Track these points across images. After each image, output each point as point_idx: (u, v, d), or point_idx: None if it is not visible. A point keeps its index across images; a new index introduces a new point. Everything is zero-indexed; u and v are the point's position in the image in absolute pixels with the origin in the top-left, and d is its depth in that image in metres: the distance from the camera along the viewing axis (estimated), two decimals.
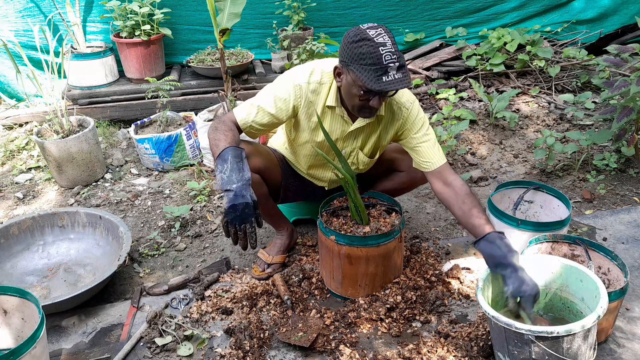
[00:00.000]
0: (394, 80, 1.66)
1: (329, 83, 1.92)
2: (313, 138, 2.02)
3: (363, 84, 1.68)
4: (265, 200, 2.16)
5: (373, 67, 1.65)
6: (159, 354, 1.88)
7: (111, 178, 3.19)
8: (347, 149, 2.06)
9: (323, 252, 2.09)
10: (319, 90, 1.92)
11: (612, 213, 2.59)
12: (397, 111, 1.97)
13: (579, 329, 1.45)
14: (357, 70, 1.68)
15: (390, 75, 1.66)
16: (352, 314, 2.00)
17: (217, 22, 3.09)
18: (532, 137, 3.43)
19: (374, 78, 1.66)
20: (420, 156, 1.97)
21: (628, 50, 2.72)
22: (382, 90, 1.68)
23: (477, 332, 1.86)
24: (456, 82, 4.09)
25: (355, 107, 1.83)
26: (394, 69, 1.66)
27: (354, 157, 2.10)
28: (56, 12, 3.85)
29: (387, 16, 4.41)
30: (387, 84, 1.66)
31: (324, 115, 1.96)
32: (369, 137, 2.04)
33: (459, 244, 2.42)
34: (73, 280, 2.31)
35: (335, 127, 1.99)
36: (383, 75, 1.66)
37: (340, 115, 1.96)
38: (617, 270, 1.85)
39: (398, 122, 1.99)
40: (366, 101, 1.78)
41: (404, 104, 1.97)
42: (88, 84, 3.88)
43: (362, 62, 1.67)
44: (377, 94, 1.75)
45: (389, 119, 2.00)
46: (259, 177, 2.06)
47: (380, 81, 1.66)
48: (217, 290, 2.18)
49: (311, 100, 1.92)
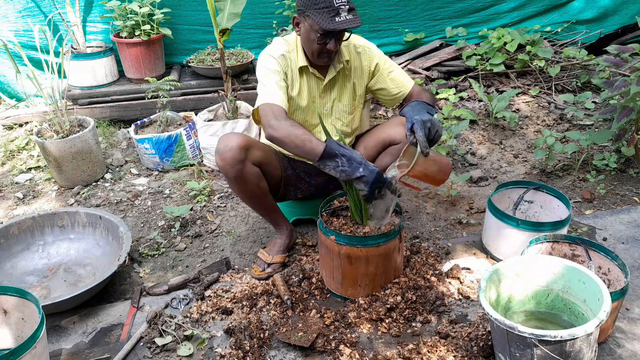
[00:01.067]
0: (346, 20, 1.87)
1: (295, 48, 2.11)
2: (298, 103, 2.15)
3: (319, 26, 1.88)
4: (264, 197, 2.18)
5: (326, 10, 1.86)
6: (159, 354, 1.88)
7: (111, 178, 3.19)
8: (327, 105, 2.21)
9: (323, 252, 2.09)
10: (291, 57, 2.11)
11: (612, 213, 2.60)
12: (362, 52, 2.17)
13: (582, 334, 1.45)
14: (312, 15, 1.89)
15: (342, 16, 1.87)
16: (352, 314, 2.00)
17: (217, 22, 3.09)
18: (532, 137, 3.43)
19: (328, 19, 1.86)
20: (395, 83, 2.18)
21: (628, 50, 2.72)
22: (335, 29, 1.87)
23: (477, 332, 1.86)
24: (456, 82, 4.09)
25: (315, 52, 2.00)
26: (345, 10, 1.87)
27: (335, 112, 2.23)
28: (56, 12, 3.85)
29: (387, 16, 4.40)
30: (340, 24, 1.86)
31: (300, 79, 2.13)
32: (344, 86, 2.19)
33: (459, 244, 2.42)
34: (73, 280, 2.31)
35: (312, 86, 2.16)
36: (336, 16, 1.86)
37: (313, 74, 2.13)
38: (617, 271, 1.85)
39: (366, 61, 2.17)
40: (323, 45, 1.96)
41: (365, 45, 2.18)
42: (88, 84, 3.88)
43: (316, 7, 1.88)
44: (333, 36, 1.94)
45: (357, 63, 2.18)
46: (259, 170, 2.10)
47: (334, 21, 1.86)
48: (217, 290, 2.18)
49: (290, 67, 2.10)
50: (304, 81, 2.14)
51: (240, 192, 2.15)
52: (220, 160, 2.03)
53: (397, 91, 2.20)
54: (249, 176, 2.07)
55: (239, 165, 2.02)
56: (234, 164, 2.01)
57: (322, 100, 2.19)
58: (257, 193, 2.15)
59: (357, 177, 1.79)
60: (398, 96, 2.21)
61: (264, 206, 2.24)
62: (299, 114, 2.18)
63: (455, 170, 3.10)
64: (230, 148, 2.00)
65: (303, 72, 2.13)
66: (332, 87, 2.18)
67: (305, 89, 2.14)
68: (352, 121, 2.27)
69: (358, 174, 1.78)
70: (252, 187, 2.12)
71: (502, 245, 2.21)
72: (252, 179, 2.09)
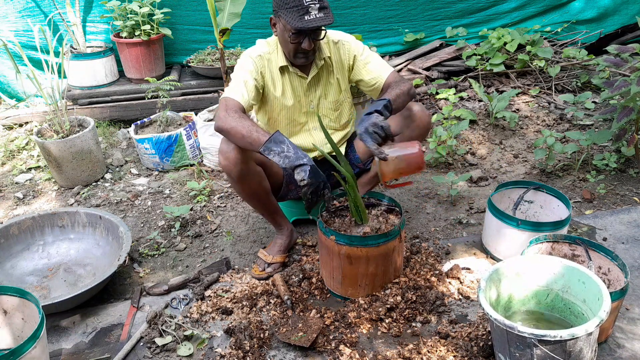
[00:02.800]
0: (316, 18, 1.89)
1: (275, 49, 2.12)
2: (283, 103, 2.17)
3: (290, 25, 1.91)
4: (266, 196, 2.18)
5: (295, 9, 1.89)
6: (159, 354, 1.88)
7: (111, 178, 3.19)
8: (314, 102, 2.21)
9: (323, 252, 2.09)
10: (271, 58, 2.12)
11: (612, 213, 2.59)
12: (340, 47, 2.18)
13: (582, 333, 1.45)
14: (284, 15, 1.92)
15: (312, 14, 1.89)
16: (352, 314, 2.00)
17: (217, 22, 3.09)
18: (532, 137, 3.43)
19: (297, 17, 1.89)
20: (371, 75, 2.16)
21: (628, 50, 2.72)
22: (304, 28, 1.89)
23: (477, 332, 1.86)
24: (456, 82, 4.09)
25: (291, 52, 2.03)
26: (315, 9, 1.89)
27: (322, 109, 2.24)
28: (56, 12, 3.85)
29: (387, 16, 4.40)
30: (309, 22, 1.89)
31: (283, 79, 2.14)
32: (328, 82, 2.21)
33: (459, 244, 2.42)
34: (73, 280, 2.31)
35: (295, 85, 2.17)
36: (305, 14, 1.88)
37: (295, 73, 2.14)
38: (618, 271, 1.85)
39: (345, 55, 2.18)
40: (298, 44, 1.98)
41: (343, 38, 2.19)
42: (88, 84, 3.88)
43: (286, 7, 1.91)
44: (306, 35, 1.95)
45: (337, 57, 2.19)
46: (261, 170, 2.12)
47: (303, 20, 1.88)
48: (217, 290, 2.18)
49: (269, 68, 2.12)
50: (287, 80, 2.15)
51: (242, 192, 2.15)
52: (224, 160, 2.03)
53: (374, 82, 2.17)
54: (251, 176, 2.07)
55: (243, 164, 2.02)
56: (238, 164, 2.01)
57: (307, 98, 2.20)
58: (259, 193, 2.15)
59: (299, 164, 1.79)
60: (375, 87, 2.18)
61: (266, 206, 2.24)
62: (285, 113, 2.20)
63: (455, 170, 3.09)
64: (234, 147, 1.99)
65: (285, 72, 2.14)
66: (317, 84, 2.20)
67: (289, 88, 2.16)
68: (339, 116, 2.28)
69: (300, 162, 1.80)
70: (254, 187, 2.12)
71: (502, 245, 2.21)
72: (255, 178, 2.09)
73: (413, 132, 2.18)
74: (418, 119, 2.18)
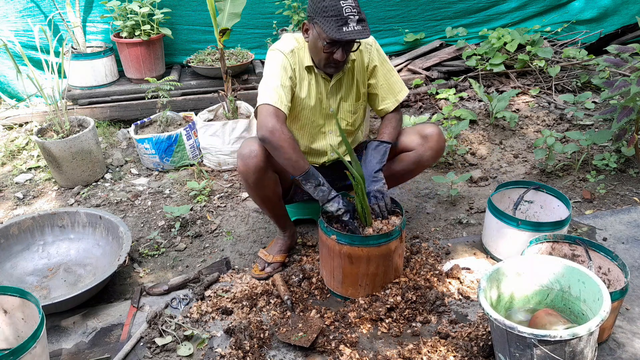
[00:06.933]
0: (354, 30, 1.84)
1: (303, 46, 2.08)
2: (306, 102, 2.12)
3: (326, 34, 1.85)
4: (278, 201, 2.21)
5: (334, 18, 1.83)
6: (159, 354, 1.88)
7: (111, 178, 3.19)
8: (334, 105, 2.18)
9: (324, 252, 2.09)
10: (300, 54, 2.07)
11: (612, 213, 2.59)
12: (364, 49, 2.14)
13: (582, 333, 1.45)
14: (320, 22, 1.86)
15: (351, 26, 1.83)
16: (352, 314, 2.00)
17: (217, 22, 3.09)
18: (532, 137, 3.43)
19: (335, 28, 1.83)
20: (380, 99, 2.20)
21: (628, 50, 2.72)
22: (342, 39, 1.85)
23: (477, 332, 1.86)
24: (456, 82, 4.09)
25: (322, 61, 1.99)
26: (354, 21, 1.84)
27: (341, 112, 2.22)
28: (56, 12, 3.85)
29: (388, 16, 4.40)
30: (347, 34, 1.83)
31: (309, 76, 2.10)
32: (350, 86, 2.18)
33: (459, 244, 2.42)
34: (73, 280, 2.31)
35: (319, 86, 2.13)
36: (343, 25, 1.83)
37: (320, 74, 2.10)
38: (618, 271, 1.85)
39: (367, 58, 2.15)
40: (330, 54, 1.94)
41: (368, 41, 2.14)
42: (88, 84, 3.88)
43: (324, 15, 1.84)
44: (340, 46, 1.91)
45: (360, 60, 2.15)
46: (277, 177, 2.14)
47: (341, 31, 1.83)
48: (217, 290, 2.18)
49: (299, 65, 2.07)
50: (312, 79, 2.10)
51: (256, 197, 2.17)
52: (243, 166, 2.02)
53: (380, 108, 2.23)
54: (267, 182, 2.08)
55: (261, 172, 2.03)
56: (257, 171, 2.02)
57: (328, 100, 2.16)
58: (272, 198, 2.17)
59: (332, 197, 1.97)
60: (379, 111, 2.25)
61: (276, 210, 2.26)
62: (305, 113, 2.16)
63: (455, 170, 3.10)
64: (256, 154, 1.99)
65: (310, 71, 2.10)
66: (339, 87, 2.16)
67: (314, 89, 2.11)
68: (355, 120, 2.27)
69: (332, 194, 1.98)
70: (269, 193, 2.14)
71: (502, 245, 2.21)
72: (271, 185, 2.11)
73: (426, 152, 2.20)
74: (435, 141, 2.20)
